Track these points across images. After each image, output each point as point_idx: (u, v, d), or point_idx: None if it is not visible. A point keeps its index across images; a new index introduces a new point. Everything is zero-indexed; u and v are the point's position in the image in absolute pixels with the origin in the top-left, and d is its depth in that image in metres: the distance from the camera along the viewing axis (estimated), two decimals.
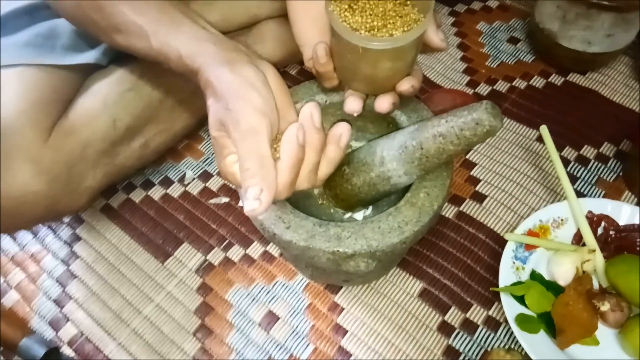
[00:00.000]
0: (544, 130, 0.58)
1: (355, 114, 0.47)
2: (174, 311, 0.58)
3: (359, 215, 0.54)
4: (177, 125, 0.66)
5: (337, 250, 0.44)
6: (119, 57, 0.62)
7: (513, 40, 0.79)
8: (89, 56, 0.59)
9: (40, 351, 0.54)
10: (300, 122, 0.39)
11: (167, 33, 0.44)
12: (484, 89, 0.73)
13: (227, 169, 0.40)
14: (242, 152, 0.38)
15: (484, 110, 0.39)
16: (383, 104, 0.45)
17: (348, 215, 0.54)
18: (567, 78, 0.73)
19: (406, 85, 0.44)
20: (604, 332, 0.52)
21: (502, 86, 0.73)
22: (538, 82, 0.74)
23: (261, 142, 0.38)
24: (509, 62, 0.76)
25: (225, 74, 0.40)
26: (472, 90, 0.73)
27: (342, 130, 0.42)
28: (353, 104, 0.46)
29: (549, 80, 0.74)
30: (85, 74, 0.60)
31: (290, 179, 0.38)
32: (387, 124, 0.55)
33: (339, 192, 0.51)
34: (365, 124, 0.57)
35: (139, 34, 0.45)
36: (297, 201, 0.53)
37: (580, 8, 0.64)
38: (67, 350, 0.56)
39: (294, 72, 0.78)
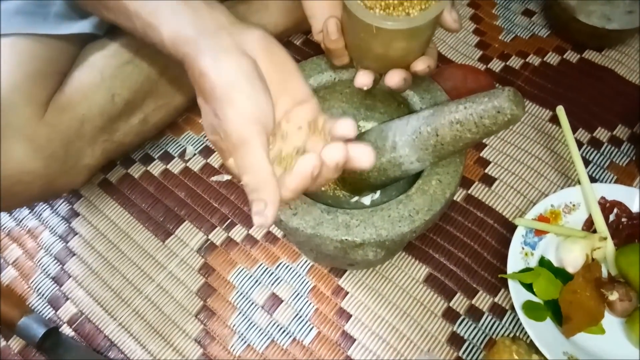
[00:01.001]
0: (560, 111, 0.57)
1: (365, 88, 0.45)
2: (175, 291, 0.57)
3: (366, 199, 0.52)
4: (177, 100, 0.63)
5: (346, 239, 0.42)
6: (116, 27, 0.58)
7: (528, 13, 0.75)
8: (84, 25, 0.56)
9: (40, 331, 0.53)
10: (323, 160, 0.35)
11: (149, 11, 0.40)
12: (496, 64, 0.71)
13: (233, 171, 0.38)
14: (238, 164, 0.36)
15: (505, 98, 0.37)
16: (393, 78, 0.43)
17: (355, 199, 0.52)
18: (583, 55, 0.71)
19: (422, 66, 0.42)
20: (610, 321, 0.52)
21: (515, 62, 0.71)
22: (553, 58, 0.71)
23: (255, 153, 0.35)
24: (523, 37, 0.73)
25: (209, 71, 0.36)
26: (484, 66, 0.71)
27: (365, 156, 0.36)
28: (363, 78, 0.44)
29: (564, 57, 0.71)
30: (81, 45, 0.57)
31: (297, 193, 0.36)
32: (398, 104, 0.52)
33: (347, 176, 0.49)
34: (374, 103, 0.54)
35: (124, 12, 0.42)
36: None
37: None
38: (66, 330, 0.56)
39: (298, 42, 0.74)
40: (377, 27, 0.38)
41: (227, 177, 0.64)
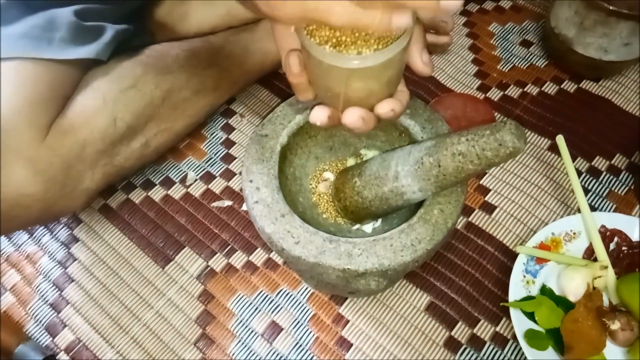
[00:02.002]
0: (560, 140, 0.57)
1: (319, 123, 0.41)
2: (174, 319, 0.56)
3: (368, 227, 0.52)
4: (179, 125, 0.64)
5: (348, 268, 0.42)
6: (120, 53, 0.59)
7: (526, 44, 0.77)
8: (88, 50, 0.56)
9: (37, 359, 0.52)
10: None
11: None
12: (495, 93, 0.72)
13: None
14: None
15: (507, 131, 0.37)
16: (350, 116, 0.39)
17: (357, 227, 0.53)
18: (580, 85, 0.72)
19: (385, 109, 0.39)
20: (612, 350, 0.51)
21: (513, 91, 0.72)
22: (550, 88, 0.72)
23: None
24: (521, 66, 0.74)
25: None
26: (483, 95, 0.71)
27: None
28: (317, 112, 0.41)
29: (562, 86, 0.72)
30: (84, 69, 0.58)
31: None
32: (399, 133, 0.53)
33: (349, 204, 0.50)
34: (375, 132, 0.55)
35: None
36: (304, 211, 0.52)
37: (598, 15, 0.63)
38: (63, 358, 0.55)
39: None
40: (329, 65, 0.35)
41: (227, 202, 0.64)
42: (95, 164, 0.56)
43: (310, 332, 0.55)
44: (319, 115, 0.41)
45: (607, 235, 0.56)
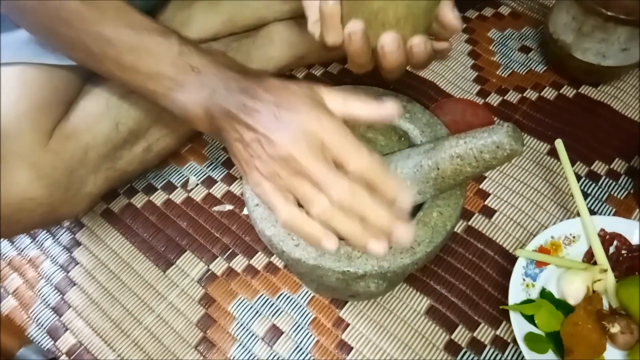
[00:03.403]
0: (559, 144, 0.58)
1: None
2: (175, 322, 0.57)
3: None
4: (182, 129, 0.64)
5: (347, 271, 0.43)
6: None
7: (525, 49, 0.77)
8: None
9: None
10: None
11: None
12: (494, 99, 0.72)
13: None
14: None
15: (505, 133, 0.38)
16: (387, 39, 0.40)
17: None
18: (579, 90, 0.72)
19: (418, 40, 0.41)
20: (612, 354, 0.51)
21: (512, 97, 0.72)
22: (549, 93, 0.72)
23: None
24: (520, 72, 0.75)
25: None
26: (483, 100, 0.72)
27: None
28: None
29: (561, 91, 0.72)
30: (87, 75, 0.58)
31: None
32: (399, 137, 0.53)
33: None
34: (375, 136, 0.55)
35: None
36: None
37: (596, 21, 0.63)
38: None
39: (301, 75, 0.76)
40: None
41: (229, 207, 0.64)
42: (97, 168, 0.56)
43: (311, 335, 0.55)
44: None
45: (606, 238, 0.56)
